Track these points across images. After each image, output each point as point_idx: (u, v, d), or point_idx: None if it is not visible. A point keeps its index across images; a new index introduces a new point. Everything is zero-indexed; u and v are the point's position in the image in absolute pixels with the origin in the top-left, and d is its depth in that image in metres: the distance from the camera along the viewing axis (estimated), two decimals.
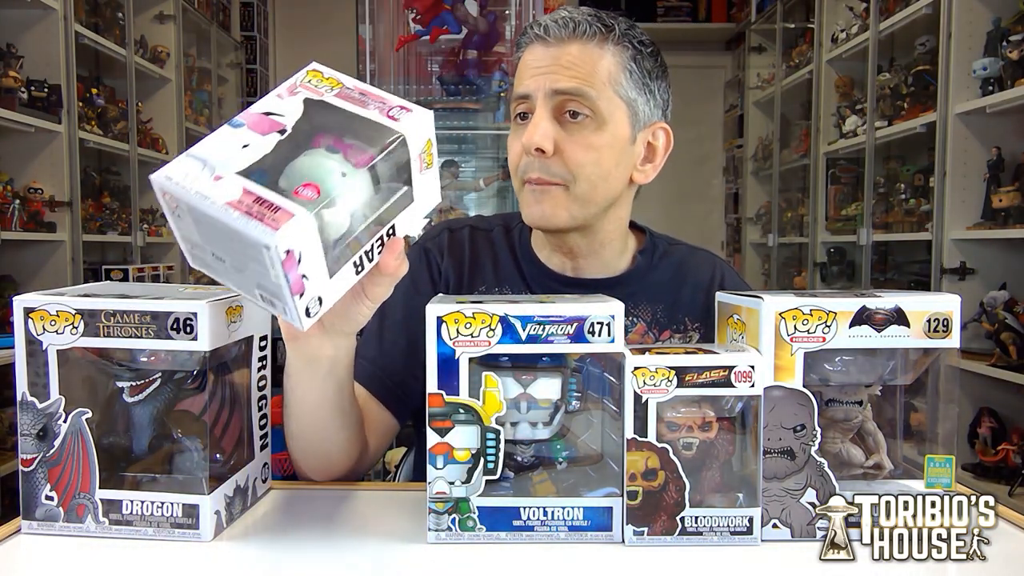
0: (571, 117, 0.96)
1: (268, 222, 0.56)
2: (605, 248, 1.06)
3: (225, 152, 0.61)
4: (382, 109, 0.66)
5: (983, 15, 2.64)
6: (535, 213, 1.00)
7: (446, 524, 0.72)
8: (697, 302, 1.08)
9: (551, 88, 0.96)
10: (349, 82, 0.69)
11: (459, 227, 1.14)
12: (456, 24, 3.01)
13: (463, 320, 0.70)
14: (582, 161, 0.96)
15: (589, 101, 0.95)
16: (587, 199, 0.98)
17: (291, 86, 0.68)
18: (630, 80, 0.98)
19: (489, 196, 3.30)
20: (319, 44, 5.20)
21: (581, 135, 0.96)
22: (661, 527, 0.72)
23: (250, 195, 0.58)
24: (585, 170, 0.96)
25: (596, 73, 0.95)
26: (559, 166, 0.96)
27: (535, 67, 0.97)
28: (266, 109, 0.66)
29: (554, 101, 0.96)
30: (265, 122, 0.64)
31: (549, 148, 0.95)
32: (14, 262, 2.88)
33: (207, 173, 0.60)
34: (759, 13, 4.85)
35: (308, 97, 0.67)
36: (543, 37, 0.97)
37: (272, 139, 0.63)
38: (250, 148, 0.62)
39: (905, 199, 3.15)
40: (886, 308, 0.72)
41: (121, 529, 0.73)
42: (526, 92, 0.98)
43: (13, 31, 2.85)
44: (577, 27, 0.96)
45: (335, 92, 0.68)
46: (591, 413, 0.77)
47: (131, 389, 0.75)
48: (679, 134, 1.06)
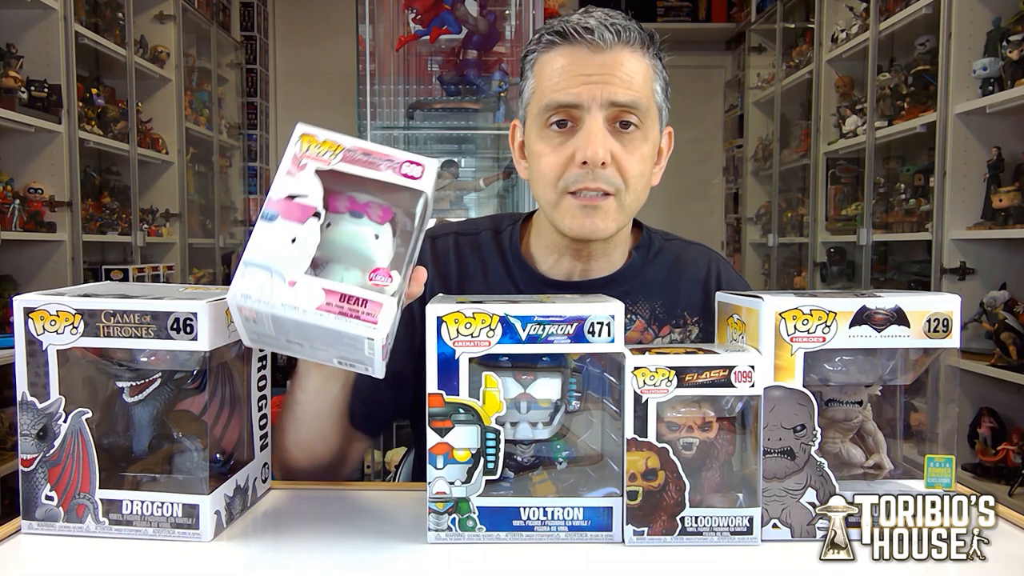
0: (622, 127, 0.95)
1: (365, 318, 0.63)
2: (616, 249, 1.06)
3: (280, 252, 0.64)
4: (393, 168, 0.69)
5: (983, 15, 2.64)
6: (584, 225, 0.96)
7: (446, 524, 0.72)
8: (695, 296, 1.08)
9: (609, 99, 0.93)
10: (347, 142, 0.69)
11: (442, 234, 1.10)
12: (456, 24, 3.01)
13: (463, 320, 0.70)
14: (636, 172, 0.96)
15: (642, 112, 0.95)
16: (632, 208, 0.99)
17: (295, 159, 0.68)
18: (660, 87, 0.99)
19: (489, 196, 3.30)
20: (319, 44, 5.21)
21: (633, 145, 0.96)
22: (661, 527, 0.72)
23: (334, 295, 0.63)
24: (636, 181, 0.96)
25: (646, 84, 0.96)
26: (615, 176, 0.95)
27: (583, 74, 0.93)
28: (287, 192, 0.67)
29: (609, 112, 0.94)
30: (295, 208, 0.66)
31: (609, 159, 0.94)
32: (14, 262, 2.88)
33: (278, 281, 0.63)
34: (759, 13, 4.85)
35: (318, 168, 0.68)
36: (593, 41, 0.93)
37: (313, 226, 0.66)
38: (299, 241, 0.65)
39: (905, 199, 3.15)
40: (886, 308, 0.72)
41: (121, 529, 0.73)
42: (573, 101, 0.94)
43: (13, 31, 2.84)
44: (624, 34, 0.94)
45: (340, 157, 0.68)
46: (591, 413, 0.77)
47: (131, 389, 0.75)
48: (679, 134, 1.06)
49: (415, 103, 3.22)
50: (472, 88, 3.13)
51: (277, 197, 0.66)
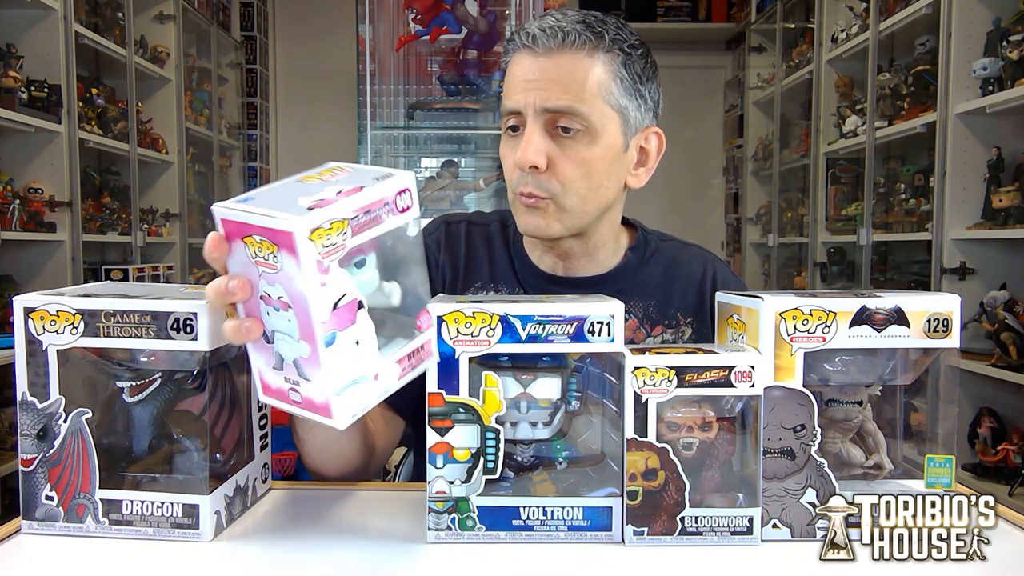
0: (563, 132, 0.95)
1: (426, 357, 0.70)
2: (599, 249, 1.07)
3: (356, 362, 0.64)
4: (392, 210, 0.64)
5: (983, 15, 2.64)
6: (529, 224, 1.00)
7: (446, 523, 0.72)
8: (689, 297, 1.08)
9: (542, 106, 0.94)
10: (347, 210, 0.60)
11: (457, 221, 1.15)
12: (456, 24, 3.01)
13: (463, 319, 0.70)
14: (573, 176, 0.96)
15: (581, 117, 0.94)
16: (578, 211, 0.98)
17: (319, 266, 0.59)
18: (621, 87, 0.96)
19: (488, 196, 3.30)
20: (319, 44, 5.21)
21: (574, 150, 0.95)
22: (661, 527, 0.72)
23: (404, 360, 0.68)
24: (576, 184, 0.96)
25: (587, 86, 0.94)
26: (550, 181, 0.96)
27: (524, 80, 0.95)
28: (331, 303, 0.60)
29: (545, 117, 0.95)
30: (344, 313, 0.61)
31: (542, 164, 0.95)
32: (14, 262, 2.88)
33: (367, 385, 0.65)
34: (759, 13, 4.85)
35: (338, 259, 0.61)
36: (531, 47, 0.95)
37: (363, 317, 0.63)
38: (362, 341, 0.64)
39: (905, 199, 3.15)
40: (886, 308, 0.72)
41: (121, 529, 0.73)
42: (515, 108, 0.96)
43: (13, 31, 2.84)
44: (566, 37, 0.93)
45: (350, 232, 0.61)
46: (591, 413, 0.77)
47: (131, 389, 0.75)
48: (679, 134, 1.07)
49: (415, 103, 3.22)
50: (472, 88, 3.13)
51: (327, 316, 0.60)
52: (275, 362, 0.64)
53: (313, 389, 0.62)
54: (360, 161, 3.43)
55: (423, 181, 3.33)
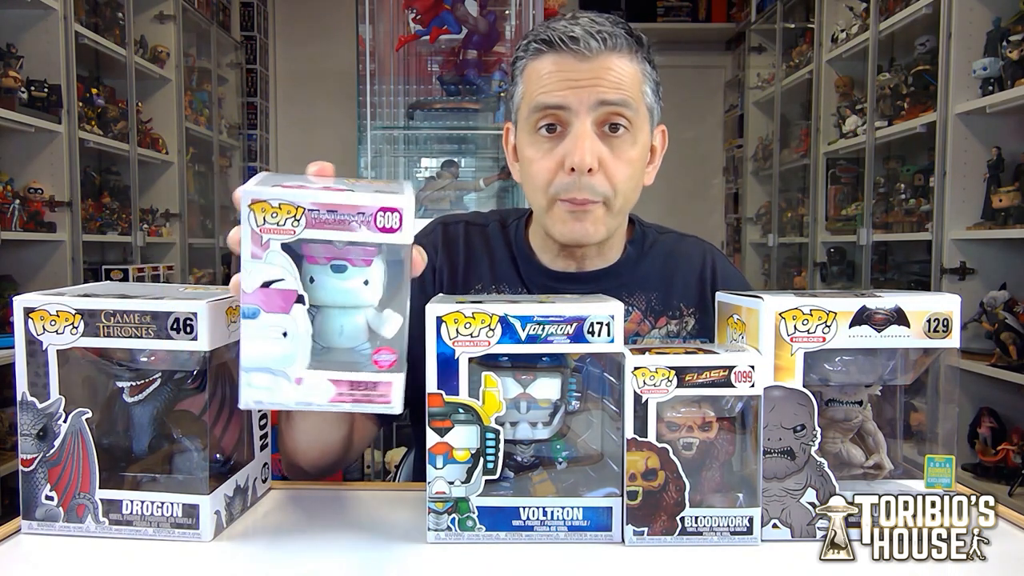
0: (611, 131, 0.95)
1: (378, 400, 0.63)
2: (611, 248, 1.08)
3: (275, 351, 0.61)
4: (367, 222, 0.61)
5: (983, 15, 2.64)
6: (575, 231, 0.97)
7: (445, 524, 0.72)
8: (691, 288, 1.09)
9: (598, 99, 0.93)
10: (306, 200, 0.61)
11: (454, 222, 1.14)
12: (456, 24, 3.01)
13: (463, 320, 0.70)
14: (624, 176, 0.96)
15: (631, 113, 0.95)
16: (621, 212, 1.00)
17: (255, 236, 0.60)
18: (650, 88, 0.99)
19: (489, 196, 3.30)
20: (319, 44, 5.20)
21: (622, 150, 0.96)
22: (661, 527, 0.72)
23: (343, 384, 0.62)
24: (625, 185, 0.97)
25: (635, 86, 0.96)
26: (603, 183, 0.95)
27: (571, 79, 0.93)
28: (261, 280, 0.61)
29: (597, 113, 0.94)
30: (276, 298, 0.61)
31: (597, 166, 0.94)
32: (14, 262, 2.88)
33: (284, 381, 0.62)
34: (759, 13, 4.85)
35: (283, 242, 0.61)
36: (578, 50, 0.93)
37: (300, 312, 0.62)
38: (291, 335, 0.62)
39: (905, 199, 3.15)
40: (886, 308, 0.72)
41: (121, 529, 0.73)
42: (562, 103, 0.93)
43: (13, 31, 2.84)
44: (613, 40, 0.94)
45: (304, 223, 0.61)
46: (591, 413, 0.77)
47: (131, 389, 0.75)
48: (679, 134, 1.07)
49: (415, 103, 3.22)
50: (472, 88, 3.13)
51: (252, 288, 0.61)
52: None
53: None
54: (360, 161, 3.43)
55: (423, 181, 3.33)
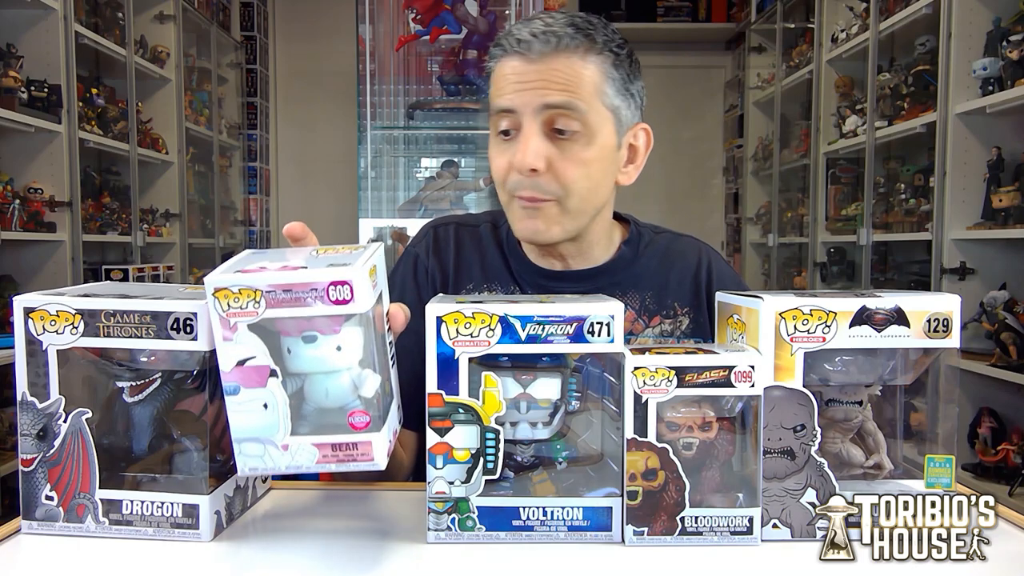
0: (559, 134, 0.95)
1: (361, 459, 0.66)
2: (592, 248, 1.07)
3: (259, 422, 0.66)
4: (321, 297, 0.64)
5: (983, 15, 2.64)
6: (528, 228, 0.99)
7: (445, 524, 0.72)
8: (685, 287, 1.09)
9: (541, 103, 0.94)
10: (262, 282, 0.64)
11: (444, 224, 1.15)
12: (456, 24, 3.01)
13: (463, 320, 0.70)
14: (575, 177, 0.96)
15: (579, 115, 0.94)
16: (579, 212, 0.99)
17: (223, 321, 0.64)
18: (612, 88, 0.97)
19: (488, 196, 3.30)
20: (319, 44, 5.21)
21: (572, 151, 0.95)
22: (661, 527, 0.72)
23: (326, 447, 0.66)
24: (577, 185, 0.96)
25: (583, 86, 0.94)
26: (551, 183, 0.96)
27: (519, 81, 0.95)
28: (236, 359, 0.65)
29: (543, 116, 0.94)
30: (252, 374, 0.65)
31: (542, 167, 0.95)
32: (14, 262, 2.88)
33: (272, 449, 0.66)
34: (759, 13, 4.85)
35: (249, 323, 0.65)
36: (523, 52, 0.94)
37: (275, 385, 0.66)
38: (271, 407, 0.66)
39: (905, 199, 3.15)
40: (886, 308, 0.72)
41: (121, 529, 0.73)
42: (510, 107, 0.95)
43: (13, 31, 2.84)
44: (560, 41, 0.94)
45: (264, 304, 0.64)
46: (591, 413, 0.77)
47: (131, 389, 0.75)
48: (679, 134, 1.07)
49: (415, 103, 3.22)
50: (472, 88, 3.13)
51: (228, 367, 0.65)
52: None
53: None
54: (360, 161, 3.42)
55: (423, 181, 3.33)
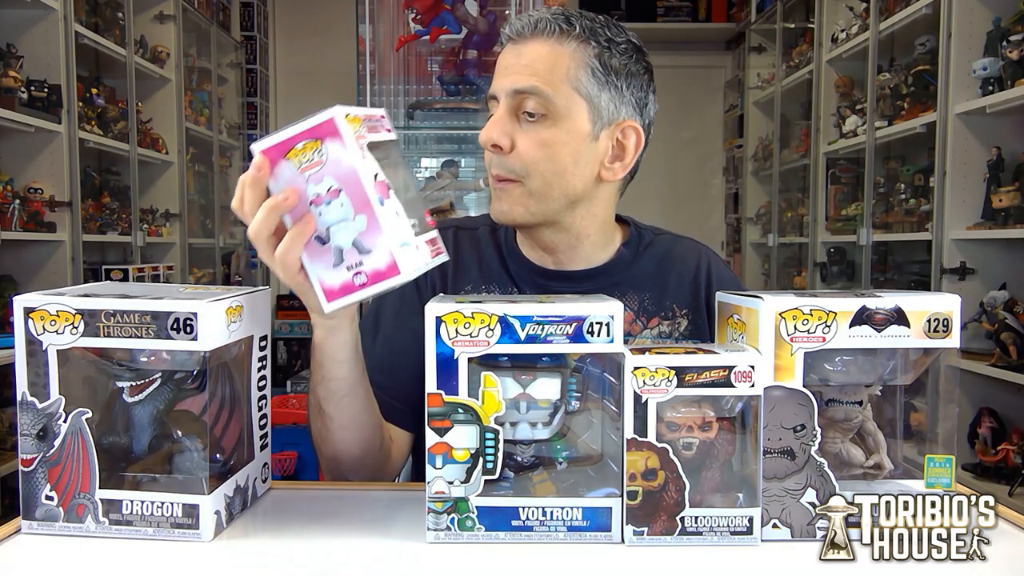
0: (528, 116, 0.98)
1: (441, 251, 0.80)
2: (583, 243, 1.07)
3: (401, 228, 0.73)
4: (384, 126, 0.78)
5: (983, 15, 2.64)
6: (496, 209, 1.04)
7: (445, 524, 0.72)
8: (684, 289, 1.09)
9: (511, 87, 0.98)
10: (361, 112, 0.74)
11: (443, 228, 1.15)
12: (456, 24, 3.01)
13: (462, 320, 0.70)
14: (535, 157, 0.98)
15: (544, 99, 0.97)
16: (543, 195, 1.00)
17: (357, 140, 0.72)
18: (592, 77, 0.98)
19: (488, 196, 3.30)
20: (319, 44, 5.20)
21: (534, 131, 0.98)
22: (661, 527, 0.72)
23: (432, 243, 0.77)
24: (538, 166, 0.98)
25: (554, 71, 0.97)
26: (515, 162, 0.99)
27: (502, 67, 1.01)
28: (374, 173, 0.72)
29: (514, 100, 0.98)
30: (384, 187, 0.73)
31: (505, 144, 0.98)
32: (14, 262, 2.88)
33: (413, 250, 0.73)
34: (759, 13, 4.85)
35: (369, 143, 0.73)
36: (511, 37, 1.01)
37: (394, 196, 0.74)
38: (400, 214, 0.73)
39: (905, 199, 3.15)
40: (886, 308, 0.72)
41: (121, 529, 0.73)
42: (491, 92, 1.02)
43: (13, 31, 2.84)
44: (537, 25, 0.99)
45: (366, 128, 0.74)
46: (591, 413, 0.77)
47: (131, 389, 0.75)
48: (679, 134, 1.07)
49: (415, 103, 3.22)
50: (472, 88, 3.13)
51: (373, 182, 0.71)
52: (335, 259, 0.73)
53: (376, 257, 0.72)
54: None
55: (423, 181, 3.33)
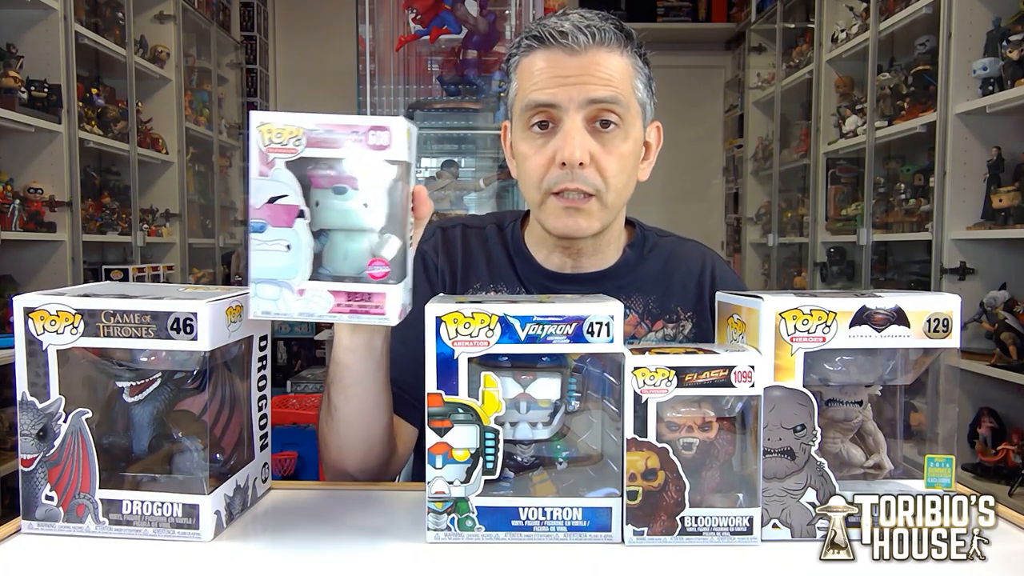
0: (602, 127, 0.96)
1: (374, 311, 0.68)
2: (609, 246, 1.08)
3: (280, 263, 0.67)
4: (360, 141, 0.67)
5: (983, 15, 2.64)
6: (567, 225, 0.99)
7: (445, 524, 0.72)
8: (688, 292, 1.10)
9: (587, 97, 0.94)
10: (307, 122, 0.67)
11: (451, 225, 1.16)
12: (456, 24, 3.01)
13: (462, 320, 0.70)
14: (616, 171, 0.97)
15: (621, 109, 0.96)
16: (614, 206, 1.00)
17: (262, 155, 0.67)
18: (646, 86, 1.00)
19: (488, 196, 3.30)
20: (319, 44, 5.20)
21: (613, 144, 0.97)
22: (661, 527, 0.72)
23: (341, 295, 0.68)
24: (616, 179, 0.98)
25: (625, 81, 0.97)
26: (594, 177, 0.96)
27: (561, 75, 0.95)
28: (267, 196, 0.67)
29: (588, 111, 0.95)
30: (280, 213, 0.67)
31: (588, 160, 0.95)
32: (14, 262, 2.87)
33: (288, 293, 0.67)
34: (759, 13, 4.85)
35: (287, 160, 0.67)
36: (565, 44, 0.95)
37: (301, 227, 0.67)
38: (293, 248, 0.67)
39: (905, 199, 3.15)
40: (886, 308, 0.72)
41: (121, 529, 0.73)
42: (552, 101, 0.95)
43: (13, 31, 2.84)
44: (602, 35, 0.95)
45: (304, 142, 0.67)
46: (591, 413, 0.77)
47: (131, 389, 0.75)
48: (679, 134, 1.08)
49: (415, 103, 3.22)
50: (472, 88, 3.13)
51: (259, 204, 0.67)
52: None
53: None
54: None
55: (423, 181, 3.33)
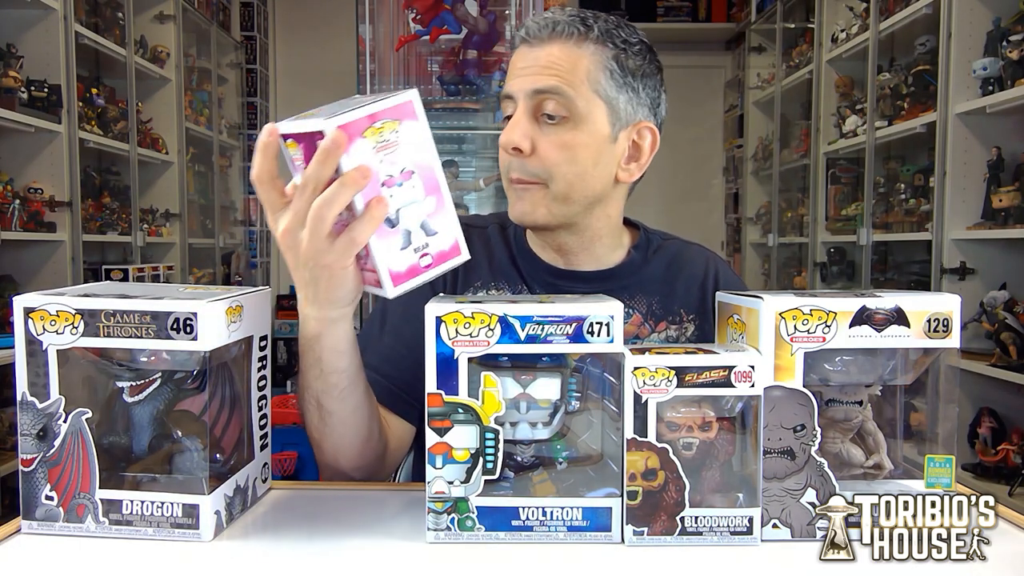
0: (548, 119, 0.98)
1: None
2: (595, 245, 1.08)
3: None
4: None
5: (983, 15, 2.64)
6: (517, 210, 1.03)
7: (445, 524, 0.72)
8: (692, 295, 1.10)
9: (531, 88, 0.98)
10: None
11: None
12: (456, 24, 3.01)
13: (462, 320, 0.70)
14: (557, 160, 0.98)
15: (566, 100, 0.97)
16: (565, 197, 1.00)
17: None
18: (611, 79, 0.99)
19: (488, 196, 3.30)
20: (319, 44, 5.21)
21: (556, 134, 0.98)
22: (661, 527, 0.72)
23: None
24: (560, 169, 0.98)
25: (575, 72, 0.97)
26: (536, 165, 0.99)
27: (519, 68, 1.00)
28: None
29: (533, 101, 0.98)
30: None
31: (526, 147, 0.98)
32: (14, 262, 2.88)
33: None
34: (759, 13, 4.85)
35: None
36: (526, 39, 1.00)
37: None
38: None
39: (905, 199, 3.15)
40: (886, 308, 0.72)
41: (121, 529, 0.73)
42: (508, 93, 1.01)
43: (13, 31, 2.85)
44: (556, 27, 0.98)
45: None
46: (591, 413, 0.77)
47: (131, 389, 0.75)
48: (679, 134, 1.08)
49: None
50: (472, 88, 3.13)
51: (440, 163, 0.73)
52: (403, 242, 0.73)
53: (442, 238, 0.75)
54: None
55: None
